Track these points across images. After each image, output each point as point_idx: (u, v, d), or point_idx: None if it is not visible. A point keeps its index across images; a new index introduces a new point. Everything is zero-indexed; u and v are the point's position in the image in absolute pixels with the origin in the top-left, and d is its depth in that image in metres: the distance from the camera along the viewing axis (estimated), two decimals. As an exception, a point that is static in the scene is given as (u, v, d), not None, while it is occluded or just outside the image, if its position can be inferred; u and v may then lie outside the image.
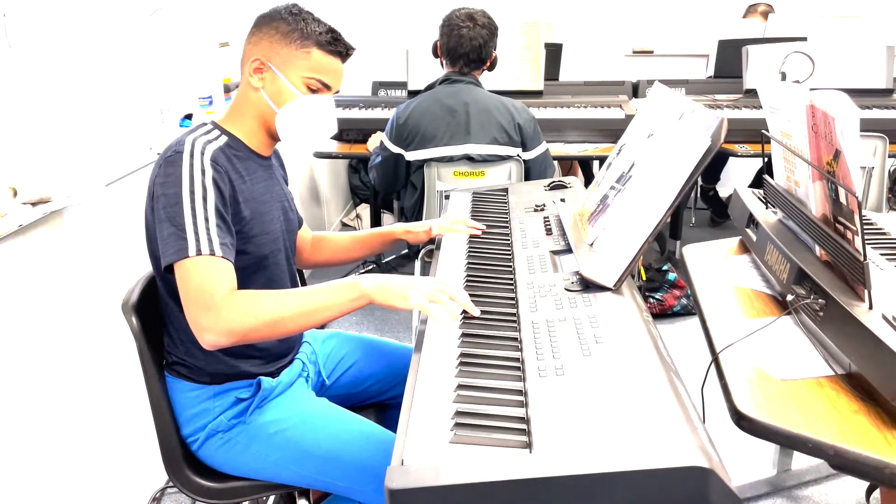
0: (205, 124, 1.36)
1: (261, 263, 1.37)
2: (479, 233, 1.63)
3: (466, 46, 2.41)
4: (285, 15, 1.33)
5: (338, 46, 1.35)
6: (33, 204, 1.56)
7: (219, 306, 1.16)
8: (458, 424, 0.92)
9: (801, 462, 2.14)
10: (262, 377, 1.39)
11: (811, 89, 1.23)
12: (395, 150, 2.52)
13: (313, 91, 1.34)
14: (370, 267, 3.67)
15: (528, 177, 2.53)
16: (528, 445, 0.87)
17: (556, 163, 4.26)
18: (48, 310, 1.65)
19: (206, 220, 1.21)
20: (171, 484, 1.79)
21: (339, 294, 1.22)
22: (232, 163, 1.31)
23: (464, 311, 1.20)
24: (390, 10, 4.58)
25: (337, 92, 1.40)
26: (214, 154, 1.27)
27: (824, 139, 1.19)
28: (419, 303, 1.19)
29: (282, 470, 1.35)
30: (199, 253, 1.18)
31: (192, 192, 1.21)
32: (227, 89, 2.58)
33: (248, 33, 1.37)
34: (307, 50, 1.32)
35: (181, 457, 1.39)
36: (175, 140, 1.30)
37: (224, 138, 1.33)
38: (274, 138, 1.39)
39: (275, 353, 1.43)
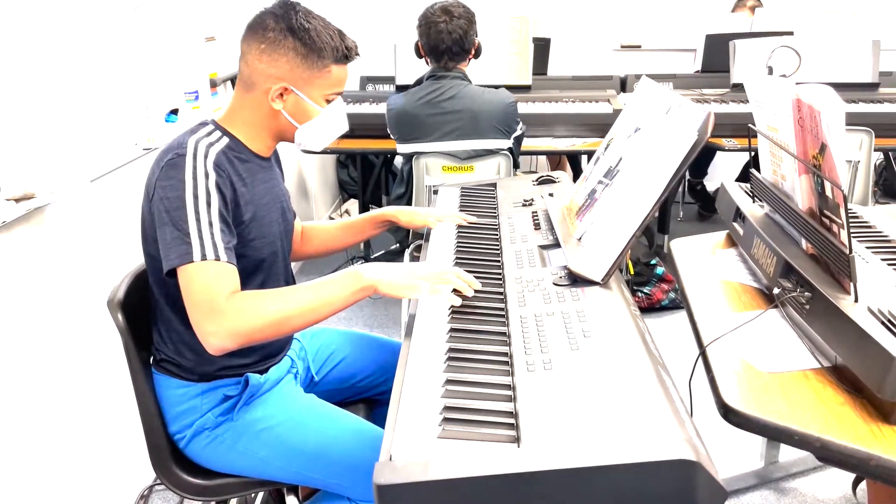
0: (205, 124, 1.34)
1: (258, 266, 1.36)
2: (465, 223, 1.65)
3: (447, 41, 2.40)
4: (299, 32, 1.28)
5: (351, 55, 1.35)
6: (17, 200, 1.55)
7: (223, 310, 1.15)
8: (446, 419, 0.92)
9: (789, 454, 2.16)
10: (249, 374, 1.38)
11: (798, 83, 1.24)
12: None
13: (330, 102, 1.36)
14: (359, 262, 3.66)
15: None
16: (517, 440, 0.87)
17: (544, 157, 4.29)
18: (33, 307, 1.63)
19: (210, 224, 1.20)
20: (158, 481, 1.79)
21: (342, 286, 1.22)
22: (234, 165, 1.30)
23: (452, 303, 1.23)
24: (378, 4, 4.57)
25: None
26: (217, 158, 1.26)
27: (810, 133, 1.19)
28: (422, 286, 1.22)
29: (270, 467, 1.35)
30: (203, 258, 1.18)
31: (195, 197, 1.21)
32: (213, 84, 2.56)
33: (255, 43, 1.31)
34: (327, 69, 1.31)
35: (169, 454, 1.38)
36: (176, 141, 1.28)
37: (225, 140, 1.31)
38: (278, 140, 1.39)
39: (266, 352, 1.43)
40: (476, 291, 1.27)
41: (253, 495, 1.73)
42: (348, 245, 1.74)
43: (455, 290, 1.24)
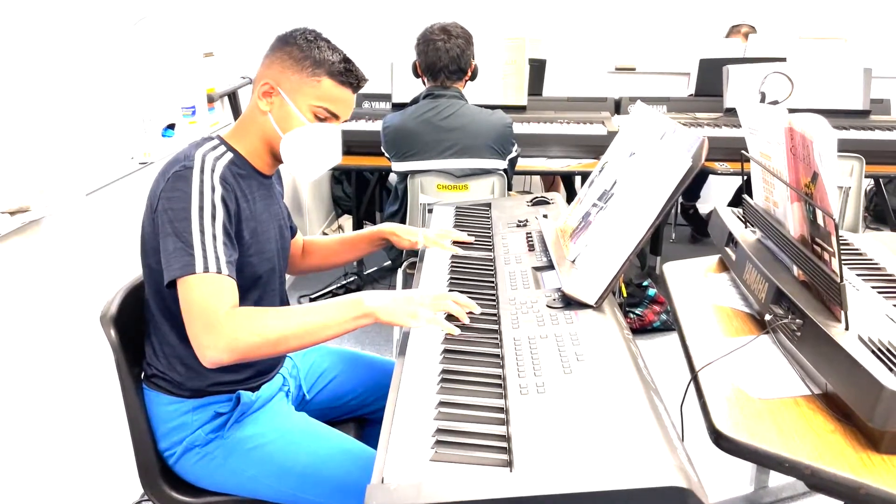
0: (211, 138, 1.35)
1: (255, 282, 1.37)
2: (462, 251, 1.63)
3: (445, 59, 2.42)
4: (300, 41, 1.32)
5: (349, 77, 1.33)
6: (11, 213, 1.55)
7: (222, 324, 1.15)
8: (438, 442, 0.92)
9: (778, 479, 2.16)
10: (241, 391, 1.38)
11: (790, 110, 1.25)
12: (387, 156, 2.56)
13: (321, 119, 1.34)
14: (352, 278, 3.66)
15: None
16: (509, 464, 0.87)
17: (538, 177, 4.31)
18: (25, 320, 1.62)
19: (214, 237, 1.20)
20: (146, 498, 1.77)
21: (342, 312, 1.22)
22: (237, 180, 1.31)
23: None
24: (375, 22, 4.60)
25: (345, 121, 1.40)
26: (223, 172, 1.27)
27: (803, 161, 1.21)
28: (424, 315, 1.21)
29: (259, 485, 1.34)
30: (205, 270, 1.18)
31: (201, 209, 1.21)
32: (211, 99, 2.57)
33: (267, 51, 1.36)
34: (318, 78, 1.31)
35: (157, 471, 1.38)
36: (182, 153, 1.29)
37: (229, 155, 1.32)
38: (277, 160, 1.39)
39: (259, 369, 1.42)
40: (470, 313, 1.27)
41: (241, 513, 1.71)
42: (347, 261, 1.76)
43: (452, 317, 1.25)
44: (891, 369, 1.00)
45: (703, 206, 4.45)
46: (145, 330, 1.39)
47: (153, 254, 1.25)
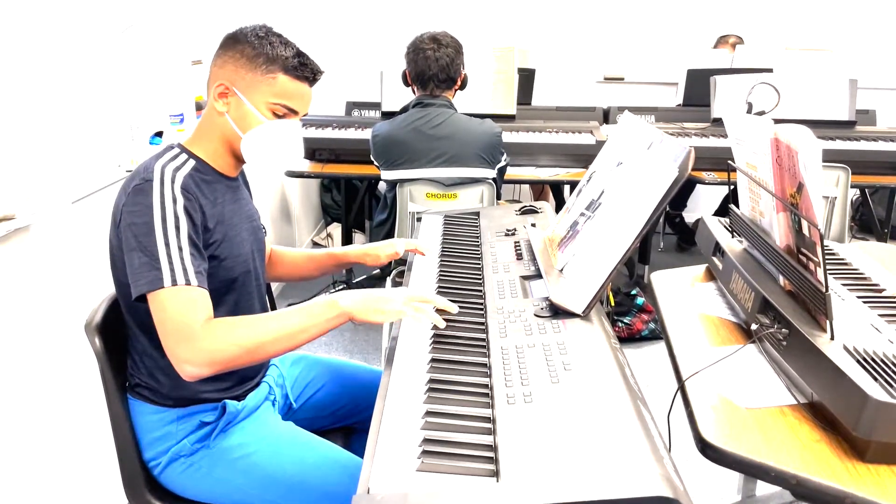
0: (171, 147, 1.33)
1: (230, 286, 1.35)
2: (425, 254, 1.64)
3: (434, 67, 2.43)
4: (251, 38, 1.30)
5: (304, 71, 1.32)
6: (-4, 220, 1.53)
7: (198, 337, 1.14)
8: (425, 452, 0.91)
9: (766, 488, 2.16)
10: (227, 400, 1.37)
11: (776, 120, 1.26)
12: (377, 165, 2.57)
13: (279, 116, 1.32)
14: (340, 287, 3.65)
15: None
16: (496, 474, 0.87)
17: (527, 186, 4.32)
18: (9, 328, 1.61)
19: (180, 248, 1.19)
20: (131, 508, 1.75)
21: (317, 314, 1.21)
22: (200, 188, 1.29)
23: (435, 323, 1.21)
24: (365, 30, 4.61)
25: (304, 115, 1.39)
26: (185, 181, 1.25)
27: (788, 172, 1.22)
28: (394, 309, 1.20)
29: (246, 495, 1.33)
30: (174, 283, 1.16)
31: (164, 221, 1.20)
32: (199, 107, 2.56)
33: (214, 54, 1.34)
34: (273, 75, 1.30)
35: (142, 481, 1.36)
36: (142, 166, 1.27)
37: (192, 162, 1.31)
38: (240, 160, 1.38)
39: (241, 376, 1.41)
40: (458, 321, 1.27)
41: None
42: (312, 277, 1.72)
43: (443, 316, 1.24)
44: (875, 379, 1.01)
45: (691, 215, 4.47)
46: (127, 341, 1.38)
47: (122, 268, 1.23)
